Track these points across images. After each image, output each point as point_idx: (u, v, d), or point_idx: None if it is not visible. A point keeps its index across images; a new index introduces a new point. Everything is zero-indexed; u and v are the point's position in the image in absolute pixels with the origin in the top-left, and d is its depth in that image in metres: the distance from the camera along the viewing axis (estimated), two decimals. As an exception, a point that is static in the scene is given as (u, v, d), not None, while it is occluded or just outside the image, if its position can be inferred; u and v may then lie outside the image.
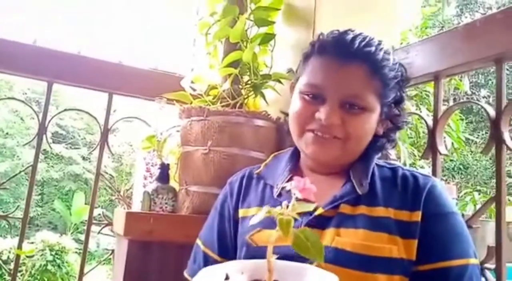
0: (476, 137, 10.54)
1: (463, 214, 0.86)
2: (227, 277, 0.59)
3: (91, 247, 8.15)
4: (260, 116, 1.27)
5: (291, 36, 1.51)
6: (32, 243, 7.08)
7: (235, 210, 0.95)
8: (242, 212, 0.94)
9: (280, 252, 0.57)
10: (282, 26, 1.51)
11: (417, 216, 0.80)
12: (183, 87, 1.36)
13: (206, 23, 1.43)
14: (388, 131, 0.92)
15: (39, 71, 1.47)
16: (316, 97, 0.85)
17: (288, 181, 0.89)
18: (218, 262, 0.92)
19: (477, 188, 9.01)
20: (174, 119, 1.37)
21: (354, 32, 0.86)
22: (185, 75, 1.41)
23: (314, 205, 0.57)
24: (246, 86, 1.36)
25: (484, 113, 1.04)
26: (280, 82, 1.34)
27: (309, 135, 0.86)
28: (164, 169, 1.29)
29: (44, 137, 1.46)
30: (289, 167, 0.94)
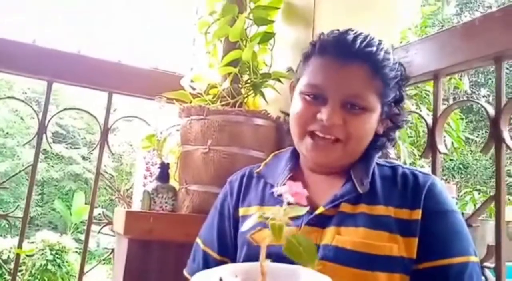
0: (476, 137, 10.53)
1: (462, 213, 0.86)
2: None
3: (91, 247, 8.16)
4: (259, 115, 1.27)
5: (291, 35, 1.51)
6: (32, 243, 7.09)
7: (235, 209, 0.95)
8: (242, 211, 0.94)
9: (277, 251, 0.56)
10: (282, 25, 1.51)
11: (417, 214, 0.80)
12: (182, 86, 1.36)
13: (206, 22, 1.43)
14: (388, 130, 0.92)
15: (39, 71, 1.47)
16: (317, 97, 0.85)
17: (288, 180, 0.89)
18: (218, 260, 0.92)
19: (477, 187, 9.01)
20: (174, 118, 1.37)
21: (355, 32, 0.86)
22: (184, 74, 1.41)
23: (306, 209, 0.57)
24: (246, 85, 1.36)
25: (484, 112, 1.04)
26: (279, 81, 1.34)
27: (308, 140, 0.86)
28: (164, 168, 1.30)
29: (44, 136, 1.46)
30: (289, 166, 0.94)
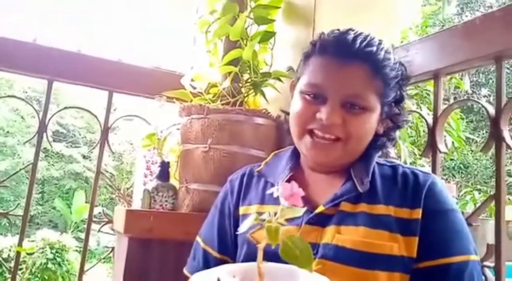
0: (477, 136, 10.53)
1: (463, 212, 0.86)
2: None
3: (92, 246, 8.16)
4: (260, 114, 1.27)
5: (291, 34, 1.51)
6: (33, 241, 7.10)
7: (236, 208, 0.95)
8: (242, 209, 0.94)
9: (276, 251, 0.56)
10: (282, 24, 1.51)
11: (417, 214, 0.80)
12: (183, 85, 1.36)
13: (206, 21, 1.43)
14: (389, 130, 0.92)
15: (39, 69, 1.47)
16: (317, 97, 0.85)
17: (288, 179, 0.89)
18: (218, 259, 0.93)
19: (477, 187, 9.01)
20: (174, 117, 1.37)
21: (355, 31, 0.86)
22: (185, 73, 1.41)
23: (303, 210, 0.57)
24: (246, 84, 1.36)
25: (484, 111, 1.04)
26: (280, 80, 1.34)
27: (308, 139, 0.86)
28: (164, 167, 1.30)
29: (44, 135, 1.46)
30: (289, 165, 0.94)
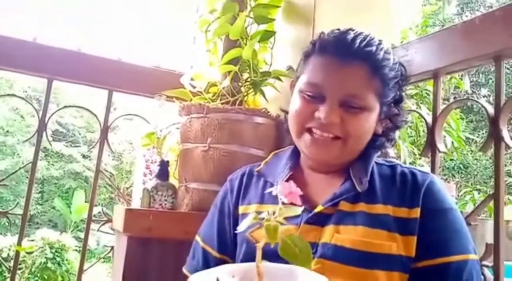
0: (477, 137, 10.51)
1: (462, 212, 0.86)
2: None
3: (91, 245, 8.17)
4: (259, 113, 1.27)
5: (291, 34, 1.50)
6: (32, 241, 7.10)
7: (235, 207, 0.95)
8: (242, 209, 0.94)
9: (275, 250, 0.56)
10: (282, 23, 1.51)
11: (415, 213, 0.81)
12: (182, 84, 1.36)
13: (206, 21, 1.43)
14: (388, 130, 0.92)
15: (39, 68, 1.47)
16: (316, 96, 0.85)
17: (288, 179, 0.89)
18: (217, 258, 0.93)
19: (477, 187, 9.00)
20: (173, 116, 1.37)
21: (355, 31, 0.86)
22: (185, 72, 1.41)
23: (301, 209, 0.57)
24: (246, 83, 1.36)
25: (484, 111, 1.04)
26: (279, 79, 1.34)
27: (307, 136, 0.86)
28: (164, 166, 1.30)
29: (44, 134, 1.46)
30: (289, 165, 0.94)
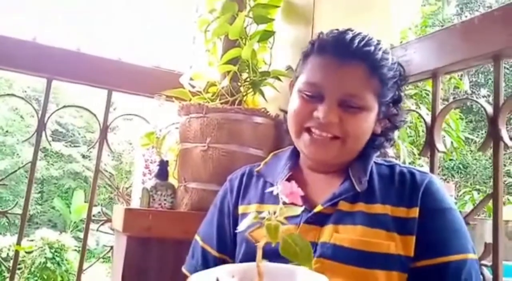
0: (476, 137, 10.52)
1: (461, 212, 0.86)
2: None
3: (91, 245, 8.16)
4: (259, 113, 1.27)
5: (290, 34, 1.50)
6: (32, 241, 7.09)
7: (235, 207, 0.96)
8: (242, 208, 0.94)
9: (275, 249, 0.56)
10: (281, 23, 1.51)
11: (414, 212, 0.81)
12: (182, 84, 1.36)
13: (205, 20, 1.43)
14: (386, 130, 0.93)
15: (38, 68, 1.47)
16: (315, 95, 0.86)
17: (287, 179, 0.89)
18: (217, 258, 0.93)
19: (476, 187, 9.01)
20: (173, 116, 1.37)
21: (354, 31, 0.87)
22: (184, 72, 1.41)
23: (301, 209, 0.57)
24: (245, 83, 1.36)
25: (482, 110, 1.04)
26: (279, 79, 1.34)
27: (306, 136, 0.87)
28: (163, 166, 1.30)
29: (43, 134, 1.46)
30: (289, 165, 0.94)
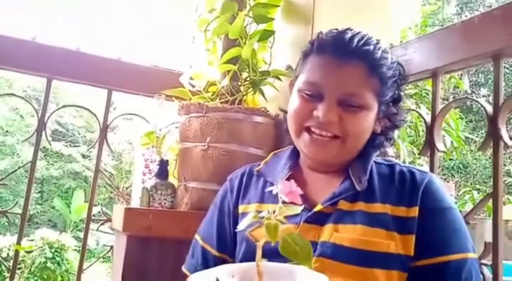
0: (476, 136, 10.52)
1: (461, 211, 0.86)
2: None
3: (91, 245, 8.16)
4: (259, 112, 1.27)
5: (290, 33, 1.50)
6: (32, 241, 7.09)
7: (235, 206, 0.96)
8: (242, 208, 0.94)
9: (275, 249, 0.56)
10: (281, 23, 1.51)
11: (414, 212, 0.81)
12: (182, 83, 1.36)
13: (205, 20, 1.43)
14: (386, 130, 0.93)
15: (38, 68, 1.46)
16: (314, 95, 0.86)
17: (287, 178, 0.89)
18: (217, 257, 0.93)
19: (476, 187, 9.01)
20: (173, 116, 1.37)
21: (353, 31, 0.87)
22: (184, 72, 1.41)
23: (301, 208, 0.58)
24: (245, 82, 1.36)
25: (482, 110, 1.04)
26: (279, 79, 1.34)
27: (306, 136, 0.87)
28: (163, 165, 1.29)
29: (43, 133, 1.46)
30: (289, 164, 0.94)
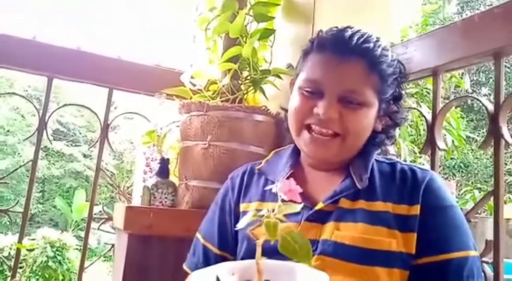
0: (477, 135, 10.50)
1: (461, 209, 0.86)
2: (218, 279, 0.59)
3: (92, 244, 8.16)
4: (259, 111, 1.27)
5: (291, 32, 1.50)
6: (33, 240, 7.09)
7: (236, 205, 0.96)
8: (243, 206, 0.94)
9: (275, 247, 0.56)
10: (282, 21, 1.51)
11: (415, 210, 0.81)
12: (183, 82, 1.37)
13: (206, 19, 1.43)
14: (387, 128, 0.93)
15: (39, 66, 1.47)
16: (315, 92, 0.86)
17: (288, 177, 0.89)
18: (218, 255, 0.93)
19: (477, 186, 9.00)
20: (174, 114, 1.37)
21: (353, 29, 0.87)
22: (184, 70, 1.41)
23: (301, 206, 0.58)
24: (246, 81, 1.36)
25: (483, 108, 1.04)
26: (279, 77, 1.34)
27: (306, 135, 0.87)
28: (164, 164, 1.30)
29: (44, 132, 1.46)
30: (290, 163, 0.95)
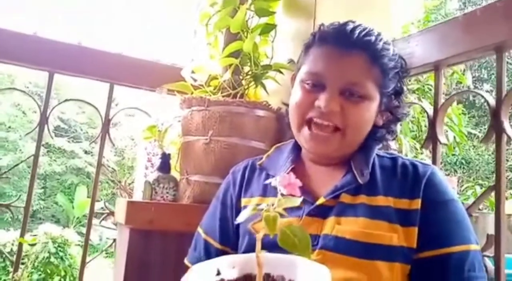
0: (479, 132, 10.49)
1: (462, 204, 0.86)
2: (219, 273, 0.59)
3: (94, 240, 8.17)
4: (260, 106, 1.27)
5: (292, 27, 1.50)
6: (35, 236, 7.11)
7: (238, 200, 0.96)
8: (244, 201, 0.95)
9: (275, 241, 0.56)
10: (283, 16, 1.51)
11: (416, 204, 0.81)
12: (184, 77, 1.37)
13: (207, 14, 1.43)
14: (388, 123, 0.93)
15: (40, 62, 1.47)
16: (316, 85, 0.86)
17: (289, 172, 0.89)
18: (219, 250, 0.93)
19: (479, 182, 9.00)
20: (175, 110, 1.37)
21: (354, 22, 0.87)
22: (185, 66, 1.41)
23: (300, 199, 0.58)
24: (247, 76, 1.36)
25: (485, 103, 1.04)
26: (280, 72, 1.34)
27: (306, 131, 0.87)
28: (165, 159, 1.30)
29: (45, 127, 1.47)
30: (291, 158, 0.95)
